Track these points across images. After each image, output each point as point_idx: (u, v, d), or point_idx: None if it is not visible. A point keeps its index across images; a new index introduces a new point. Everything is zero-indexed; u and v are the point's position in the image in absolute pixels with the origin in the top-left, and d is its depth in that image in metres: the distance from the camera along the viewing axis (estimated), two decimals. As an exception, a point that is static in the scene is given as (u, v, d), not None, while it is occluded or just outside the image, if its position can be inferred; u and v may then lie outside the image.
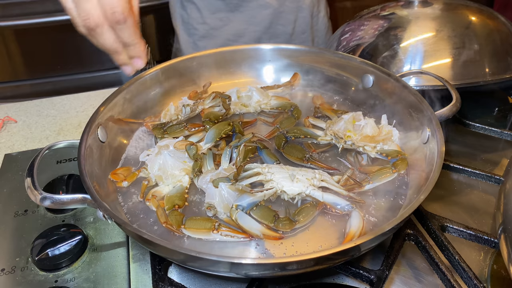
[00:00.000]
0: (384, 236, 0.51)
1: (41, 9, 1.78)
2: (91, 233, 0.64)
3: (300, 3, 1.16)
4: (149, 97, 0.78)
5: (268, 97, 0.80)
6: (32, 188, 0.54)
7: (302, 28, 1.21)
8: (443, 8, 0.89)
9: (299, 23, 1.19)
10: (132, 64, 0.63)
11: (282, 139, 0.70)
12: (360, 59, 0.78)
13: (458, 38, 0.82)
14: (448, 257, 0.55)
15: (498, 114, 0.86)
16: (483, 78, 0.80)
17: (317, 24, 1.25)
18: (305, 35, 1.22)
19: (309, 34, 1.23)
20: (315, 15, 1.23)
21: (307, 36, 1.23)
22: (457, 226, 0.58)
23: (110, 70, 1.99)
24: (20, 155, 0.81)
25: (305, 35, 1.22)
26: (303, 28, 1.21)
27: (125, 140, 0.72)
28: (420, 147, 0.64)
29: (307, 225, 0.57)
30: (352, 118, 0.69)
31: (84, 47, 1.91)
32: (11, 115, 0.94)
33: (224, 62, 0.84)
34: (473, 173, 0.67)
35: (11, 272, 0.59)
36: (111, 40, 0.58)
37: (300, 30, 1.21)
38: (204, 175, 0.62)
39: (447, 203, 0.68)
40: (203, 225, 0.55)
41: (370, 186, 0.61)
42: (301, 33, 1.21)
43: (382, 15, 0.93)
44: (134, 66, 0.63)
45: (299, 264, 0.46)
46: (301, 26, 1.20)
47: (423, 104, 0.65)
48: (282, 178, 0.59)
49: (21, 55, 1.89)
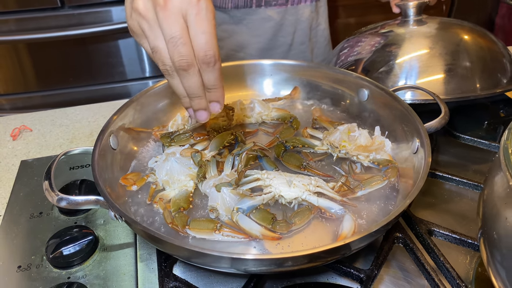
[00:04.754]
0: (373, 237, 0.55)
1: (55, 23, 1.84)
2: (101, 234, 0.68)
3: (299, 16, 1.21)
4: (158, 108, 0.83)
5: (269, 109, 0.84)
6: (49, 190, 0.59)
7: (301, 40, 1.26)
8: (437, 27, 0.94)
9: (298, 35, 1.25)
10: (209, 109, 0.59)
11: (281, 148, 0.74)
12: (355, 74, 0.83)
13: (450, 55, 0.86)
14: (434, 259, 0.59)
15: (488, 127, 0.90)
16: (474, 93, 0.85)
17: (316, 36, 1.31)
18: (304, 46, 1.28)
19: (307, 45, 1.28)
20: (314, 27, 1.28)
21: (306, 47, 1.28)
22: (443, 230, 0.62)
23: (119, 83, 2.05)
24: (35, 162, 0.85)
25: (304, 46, 1.28)
26: (302, 39, 1.26)
27: (135, 147, 0.77)
28: (410, 157, 0.69)
29: (302, 228, 0.61)
30: (348, 129, 0.74)
31: (95, 60, 1.98)
32: (26, 124, 0.99)
33: (228, 76, 0.89)
34: (460, 182, 0.71)
35: (27, 269, 0.63)
36: (198, 83, 0.55)
37: (299, 41, 1.26)
38: (207, 180, 0.66)
39: (437, 210, 0.72)
40: (206, 226, 0.59)
41: (362, 192, 0.65)
42: (300, 44, 1.27)
43: (380, 32, 0.98)
44: (211, 111, 0.59)
45: (294, 261, 0.50)
46: (300, 38, 1.26)
47: (413, 117, 0.69)
48: (280, 184, 0.63)
49: (33, 68, 1.95)
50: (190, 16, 0.51)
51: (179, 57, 0.52)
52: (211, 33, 0.52)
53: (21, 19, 1.82)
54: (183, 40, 0.52)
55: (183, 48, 0.52)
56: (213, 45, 0.53)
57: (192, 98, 0.57)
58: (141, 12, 0.53)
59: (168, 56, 0.53)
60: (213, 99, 0.58)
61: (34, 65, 1.94)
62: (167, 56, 0.53)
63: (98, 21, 1.86)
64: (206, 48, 0.53)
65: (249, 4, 1.14)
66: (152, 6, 0.52)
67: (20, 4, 1.79)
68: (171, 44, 0.52)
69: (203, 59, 0.53)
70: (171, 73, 0.55)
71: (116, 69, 2.01)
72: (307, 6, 1.21)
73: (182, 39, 0.51)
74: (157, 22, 0.52)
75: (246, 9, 1.15)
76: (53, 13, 1.83)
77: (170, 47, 0.53)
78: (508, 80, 0.89)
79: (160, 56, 0.54)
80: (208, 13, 0.52)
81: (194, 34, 0.52)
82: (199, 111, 0.59)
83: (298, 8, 1.20)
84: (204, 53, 0.53)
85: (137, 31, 0.55)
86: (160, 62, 0.54)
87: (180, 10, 0.51)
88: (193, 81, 0.55)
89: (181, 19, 0.51)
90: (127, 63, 2.01)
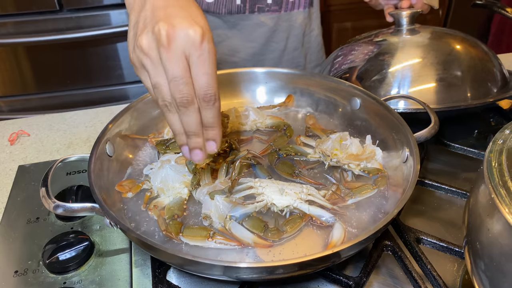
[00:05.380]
0: (362, 245, 0.57)
1: (53, 27, 1.85)
2: (97, 240, 0.69)
3: (292, 22, 1.23)
4: (154, 115, 0.84)
5: (264, 117, 0.86)
6: (46, 197, 0.60)
7: (294, 45, 1.28)
8: (430, 36, 0.95)
9: (291, 41, 1.27)
10: (206, 148, 0.58)
11: (275, 156, 0.76)
12: (348, 83, 0.84)
13: (441, 65, 0.88)
14: (422, 267, 0.61)
15: (479, 135, 0.92)
16: (465, 102, 0.86)
17: (309, 42, 1.32)
18: (297, 52, 1.30)
19: (300, 51, 1.30)
20: (307, 33, 1.30)
21: (299, 52, 1.30)
22: (431, 238, 0.64)
23: (117, 86, 2.06)
24: (32, 167, 0.86)
25: (297, 52, 1.29)
26: (295, 45, 1.28)
27: (131, 154, 0.78)
28: (400, 165, 0.70)
29: (294, 235, 0.63)
30: (339, 138, 0.75)
31: (93, 63, 1.99)
32: (24, 128, 1.01)
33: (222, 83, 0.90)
34: (449, 190, 0.73)
35: (24, 274, 0.64)
36: (196, 120, 0.55)
37: (292, 47, 1.28)
38: (201, 188, 0.68)
39: (427, 217, 0.73)
40: (199, 233, 0.61)
41: (352, 201, 0.66)
42: (293, 49, 1.29)
43: (374, 41, 1.00)
44: (207, 150, 0.58)
45: (285, 269, 0.51)
46: (293, 43, 1.27)
47: (404, 126, 0.71)
48: (272, 192, 0.65)
49: (32, 70, 1.96)
50: (192, 58, 0.52)
51: (180, 95, 0.53)
52: (212, 75, 0.53)
53: (19, 22, 1.83)
54: (185, 80, 0.53)
55: (185, 87, 0.53)
56: (214, 86, 0.54)
57: (189, 136, 0.57)
58: (144, 50, 0.53)
59: (169, 93, 0.54)
60: (210, 138, 0.58)
61: (32, 68, 1.95)
62: (168, 93, 0.54)
63: (96, 24, 1.87)
64: (206, 88, 0.53)
65: (243, 10, 1.15)
66: (155, 46, 0.52)
67: (19, 7, 1.80)
68: (173, 83, 0.53)
69: (204, 98, 0.54)
70: (170, 109, 0.55)
71: (114, 72, 2.03)
72: (300, 12, 1.23)
73: (184, 79, 0.52)
74: (160, 62, 0.53)
75: (239, 15, 1.16)
76: (51, 16, 1.84)
77: (172, 86, 0.53)
78: (498, 89, 0.91)
79: (160, 92, 0.54)
80: (210, 56, 0.53)
81: (196, 75, 0.53)
82: (194, 150, 0.58)
83: (292, 14, 1.21)
84: (205, 92, 0.53)
85: (138, 66, 0.56)
86: (160, 97, 0.55)
87: (183, 52, 0.52)
88: (192, 118, 0.55)
89: (184, 60, 0.52)
90: (125, 66, 2.02)
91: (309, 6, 1.24)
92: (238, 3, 1.14)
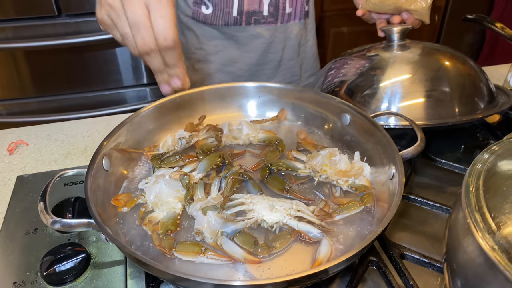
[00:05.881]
0: (348, 262, 0.59)
1: (52, 31, 1.87)
2: (93, 252, 0.71)
3: (288, 33, 1.26)
4: (150, 128, 0.86)
5: (257, 131, 0.88)
6: (44, 213, 0.62)
7: (290, 56, 1.31)
8: (420, 52, 0.98)
9: (287, 51, 1.29)
10: (170, 83, 0.73)
11: (266, 171, 0.78)
12: (338, 99, 0.87)
13: (430, 81, 0.90)
14: (405, 282, 0.63)
15: (465, 150, 0.94)
16: (453, 118, 0.89)
17: (304, 52, 1.35)
18: (293, 62, 1.32)
19: (296, 61, 1.32)
20: (303, 44, 1.33)
21: (295, 63, 1.33)
22: (414, 254, 0.66)
23: (115, 90, 2.08)
24: (31, 177, 0.88)
25: (292, 62, 1.32)
26: (290, 55, 1.31)
27: (126, 168, 0.80)
28: (386, 182, 0.72)
29: (283, 251, 0.65)
30: (329, 154, 0.78)
31: (91, 67, 2.01)
32: (23, 138, 1.03)
33: (217, 97, 0.93)
34: (434, 206, 0.75)
35: (22, 285, 0.66)
36: (159, 62, 0.68)
37: (288, 57, 1.31)
38: (194, 203, 0.70)
39: (413, 232, 0.76)
40: (191, 249, 0.63)
41: (339, 217, 0.69)
42: (289, 60, 1.31)
43: (366, 55, 1.02)
44: (171, 85, 0.73)
45: (273, 286, 0.54)
46: (288, 54, 1.30)
47: (390, 144, 0.73)
48: (263, 208, 0.67)
49: (30, 74, 1.98)
50: (151, 4, 0.60)
51: (141, 43, 0.62)
52: (169, 17, 0.61)
53: (18, 27, 1.84)
54: (145, 26, 0.61)
55: (145, 33, 0.61)
56: (172, 30, 0.62)
57: (156, 74, 0.71)
58: (110, 3, 0.62)
59: (136, 45, 0.63)
60: (173, 74, 0.71)
61: (30, 72, 1.97)
62: (135, 45, 0.63)
63: (95, 29, 1.89)
64: (165, 33, 0.62)
65: (239, 22, 1.18)
66: None
67: (18, 12, 1.82)
68: (134, 29, 0.61)
69: (164, 44, 0.63)
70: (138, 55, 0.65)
71: (112, 76, 2.05)
72: (296, 24, 1.25)
73: (144, 25, 0.61)
74: (123, 10, 0.61)
75: (236, 27, 1.19)
76: (50, 21, 1.86)
77: (133, 32, 0.62)
78: (485, 104, 0.93)
79: (129, 41, 0.64)
80: (167, 0, 0.61)
81: (154, 19, 0.61)
82: (161, 84, 0.73)
83: (288, 26, 1.24)
84: (164, 38, 0.62)
85: (107, 22, 0.65)
86: (131, 46, 0.65)
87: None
88: (155, 62, 0.67)
89: (144, 7, 0.60)
90: (123, 70, 2.04)
91: (305, 18, 1.26)
92: (235, 15, 1.16)
